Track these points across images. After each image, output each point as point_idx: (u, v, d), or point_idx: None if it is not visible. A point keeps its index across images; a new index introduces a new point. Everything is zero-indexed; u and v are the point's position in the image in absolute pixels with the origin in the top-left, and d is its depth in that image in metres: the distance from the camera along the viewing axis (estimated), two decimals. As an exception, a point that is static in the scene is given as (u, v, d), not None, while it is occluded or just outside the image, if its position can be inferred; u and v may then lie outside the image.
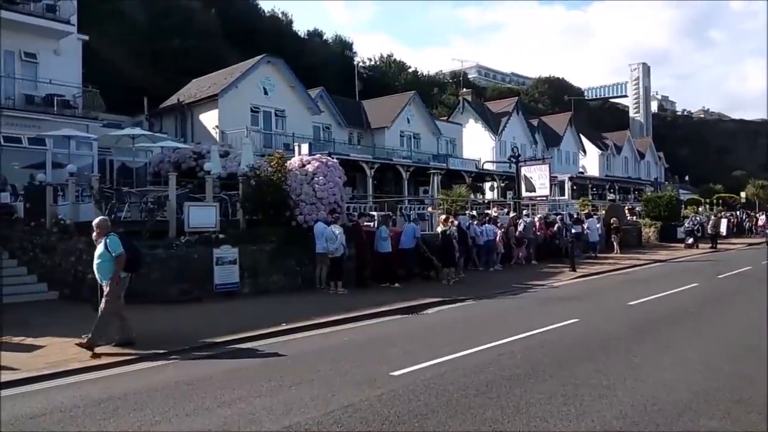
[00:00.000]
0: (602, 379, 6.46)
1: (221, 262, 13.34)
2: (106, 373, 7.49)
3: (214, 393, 6.26)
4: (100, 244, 8.67)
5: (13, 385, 6.85)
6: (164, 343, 8.63)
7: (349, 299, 13.20)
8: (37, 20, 22.04)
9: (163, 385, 6.70)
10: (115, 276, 8.52)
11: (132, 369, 7.66)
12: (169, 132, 29.47)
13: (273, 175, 15.03)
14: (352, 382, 6.49)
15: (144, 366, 7.76)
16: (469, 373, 6.78)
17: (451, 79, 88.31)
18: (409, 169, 30.45)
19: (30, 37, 22.04)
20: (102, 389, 6.63)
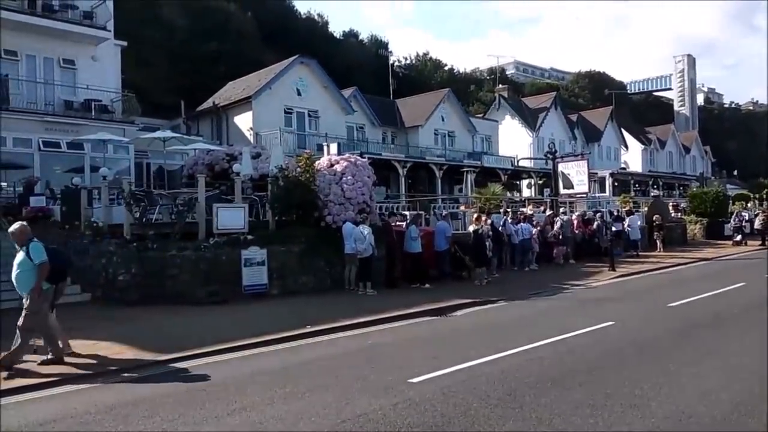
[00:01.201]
0: (635, 388, 6.05)
1: (249, 264, 13.31)
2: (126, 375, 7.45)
3: (227, 399, 6.12)
4: (20, 253, 7.77)
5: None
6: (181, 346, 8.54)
7: (378, 300, 12.99)
8: (74, 27, 22.57)
9: (175, 390, 6.61)
10: (36, 287, 7.61)
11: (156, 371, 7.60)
12: (205, 134, 29.86)
13: (301, 176, 14.93)
14: (368, 389, 6.26)
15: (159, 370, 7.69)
16: (492, 380, 6.46)
17: (488, 76, 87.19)
18: (443, 167, 30.07)
19: (68, 44, 22.60)
20: (132, 393, 6.58)
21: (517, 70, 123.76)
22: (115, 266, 13.09)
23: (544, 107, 49.21)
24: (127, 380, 7.28)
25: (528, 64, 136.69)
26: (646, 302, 12.49)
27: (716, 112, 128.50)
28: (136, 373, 7.58)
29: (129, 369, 7.73)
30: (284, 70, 29.25)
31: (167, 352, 8.36)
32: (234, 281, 13.14)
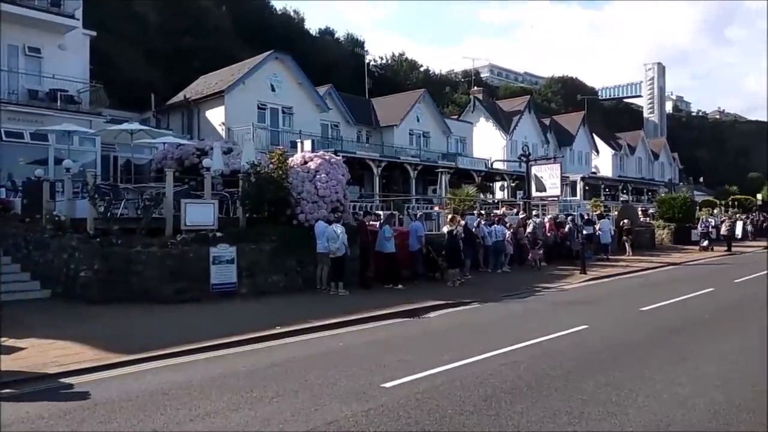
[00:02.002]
0: (612, 395, 5.94)
1: (218, 261, 12.94)
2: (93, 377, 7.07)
3: (190, 404, 5.82)
4: None
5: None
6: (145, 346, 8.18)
7: (350, 301, 12.77)
8: (40, 14, 21.82)
9: (136, 394, 6.28)
10: None
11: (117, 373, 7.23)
12: (176, 129, 29.20)
13: (273, 172, 14.60)
14: (339, 395, 6.02)
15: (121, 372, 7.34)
16: (467, 385, 6.29)
17: (463, 78, 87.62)
18: (417, 167, 29.93)
19: (34, 32, 21.84)
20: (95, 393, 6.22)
21: (491, 74, 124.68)
22: (77, 262, 12.59)
23: (518, 110, 49.54)
24: (85, 382, 6.89)
25: (502, 68, 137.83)
26: (618, 306, 12.52)
27: (684, 120, 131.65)
28: (96, 374, 7.21)
29: (87, 370, 7.34)
30: (258, 65, 28.76)
31: (130, 353, 8.01)
32: (202, 279, 12.75)
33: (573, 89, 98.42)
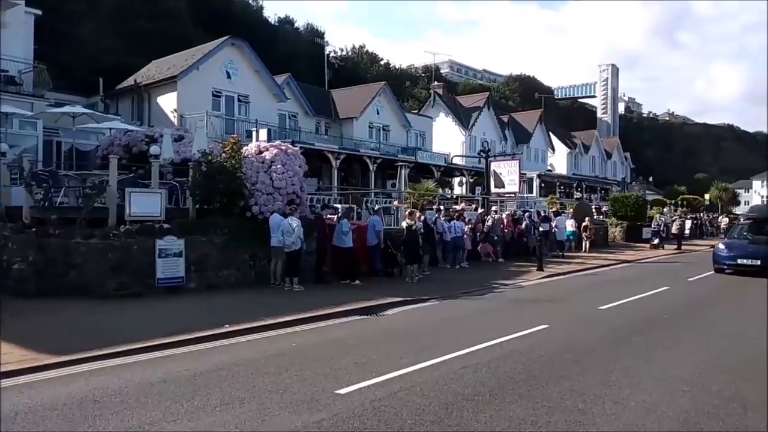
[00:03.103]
0: (578, 401, 5.66)
1: (165, 255, 12.22)
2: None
3: (122, 414, 5.26)
4: None
5: None
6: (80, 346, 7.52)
7: (305, 297, 12.26)
8: (-24, -13, 20.35)
9: (65, 400, 5.66)
10: None
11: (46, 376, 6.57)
12: (125, 115, 27.88)
13: (226, 162, 13.92)
14: (290, 403, 5.55)
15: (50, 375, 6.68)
16: (427, 391, 5.91)
17: (423, 73, 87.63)
18: (377, 161, 29.51)
19: (-31, 6, 20.38)
20: None
21: (451, 70, 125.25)
22: (10, 253, 11.68)
23: (477, 107, 49.65)
24: (7, 387, 6.20)
25: (462, 65, 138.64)
26: (577, 305, 12.40)
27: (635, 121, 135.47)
28: (21, 378, 6.53)
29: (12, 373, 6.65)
30: (213, 51, 27.71)
31: (63, 354, 7.34)
32: (147, 273, 12.04)
33: (530, 88, 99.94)
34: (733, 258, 17.53)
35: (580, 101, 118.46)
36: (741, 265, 17.23)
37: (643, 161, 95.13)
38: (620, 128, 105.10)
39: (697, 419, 5.26)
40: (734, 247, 18.16)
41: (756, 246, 17.75)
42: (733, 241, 18.99)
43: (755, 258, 17.05)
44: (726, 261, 17.73)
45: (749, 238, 18.74)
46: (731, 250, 17.96)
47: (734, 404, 5.66)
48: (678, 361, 7.32)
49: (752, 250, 17.59)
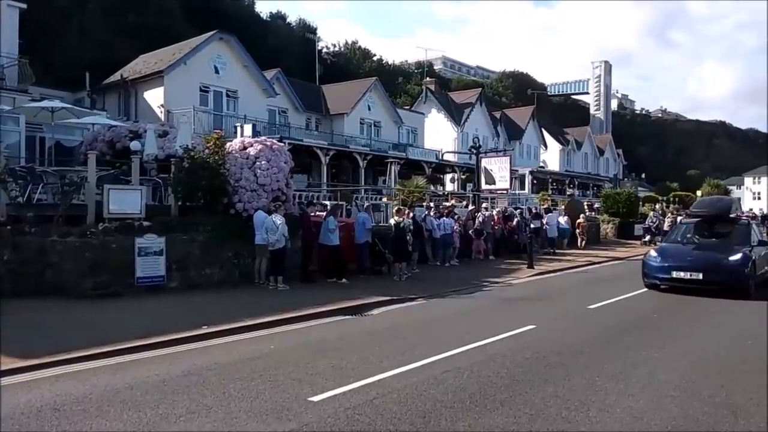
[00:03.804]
0: (561, 408, 5.42)
1: (144, 253, 11.91)
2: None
3: (81, 423, 4.98)
4: None
5: None
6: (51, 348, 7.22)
7: (289, 297, 11.99)
8: (-44, -21, 19.89)
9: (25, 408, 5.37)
10: None
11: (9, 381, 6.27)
12: (112, 110, 27.50)
13: (209, 158, 13.60)
14: (259, 411, 5.28)
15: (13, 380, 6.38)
16: (405, 398, 5.65)
17: (416, 69, 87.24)
18: (367, 157, 29.18)
19: (-51, -1, 19.94)
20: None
21: (444, 66, 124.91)
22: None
23: (470, 103, 49.40)
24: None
25: (455, 61, 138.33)
26: (566, 303, 12.18)
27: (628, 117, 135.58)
28: None
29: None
30: (201, 45, 27.32)
31: (30, 357, 7.06)
32: (126, 272, 11.73)
33: (524, 84, 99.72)
34: (667, 270, 13.09)
35: (573, 98, 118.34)
36: (677, 280, 12.86)
37: (636, 158, 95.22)
38: (613, 125, 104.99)
39: (686, 427, 5.03)
40: (670, 255, 13.63)
41: (699, 253, 13.46)
42: (669, 247, 14.52)
43: (695, 269, 12.62)
44: (658, 273, 13.27)
45: (695, 241, 14.44)
46: (666, 259, 13.43)
47: (724, 411, 5.43)
48: (666, 364, 7.08)
49: (693, 258, 13.12)
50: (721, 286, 12.39)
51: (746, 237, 13.99)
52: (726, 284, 12.39)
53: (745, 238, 13.89)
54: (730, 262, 12.65)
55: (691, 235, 14.86)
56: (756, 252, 13.22)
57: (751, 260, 12.68)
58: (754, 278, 12.80)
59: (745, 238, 13.94)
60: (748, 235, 14.16)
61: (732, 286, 12.37)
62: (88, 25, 41.17)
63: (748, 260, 12.63)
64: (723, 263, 12.66)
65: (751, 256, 12.79)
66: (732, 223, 14.92)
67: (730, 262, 12.65)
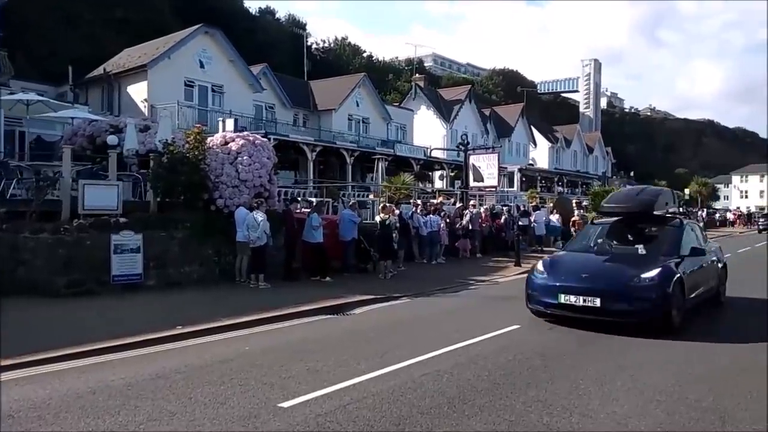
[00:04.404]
0: (543, 414, 5.19)
1: (121, 250, 11.58)
2: None
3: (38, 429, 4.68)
4: None
5: None
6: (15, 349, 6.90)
7: (270, 295, 11.71)
8: (-69, -32, 19.37)
9: None
10: None
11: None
12: (95, 104, 27.06)
13: (189, 153, 13.27)
14: (225, 418, 5.01)
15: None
16: (379, 403, 5.39)
17: (406, 66, 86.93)
18: (354, 153, 28.90)
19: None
20: None
21: (435, 63, 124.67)
22: (-48, 248, 10.97)
23: (459, 100, 49.24)
24: None
25: (446, 58, 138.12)
26: (552, 302, 11.96)
27: (617, 116, 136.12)
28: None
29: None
30: (186, 39, 26.89)
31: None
32: (101, 270, 11.42)
33: (514, 82, 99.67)
34: (554, 292, 9.01)
35: (562, 96, 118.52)
36: (566, 307, 8.85)
37: (625, 156, 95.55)
38: (602, 123, 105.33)
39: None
40: (562, 269, 9.54)
41: (601, 267, 9.45)
42: (567, 257, 10.34)
43: (591, 293, 8.59)
44: (543, 297, 9.22)
45: (608, 249, 10.35)
46: (555, 275, 9.33)
47: (712, 416, 5.23)
48: (649, 367, 6.86)
49: (590, 276, 9.03)
50: (626, 318, 8.51)
51: (675, 243, 9.85)
52: (634, 315, 8.50)
53: (673, 246, 9.78)
54: (641, 281, 8.58)
55: (603, 240, 10.67)
56: (686, 266, 9.30)
57: (674, 278, 8.67)
58: (681, 304, 8.78)
59: (674, 245, 9.83)
60: (678, 240, 9.95)
61: (643, 318, 8.50)
62: (76, 19, 40.55)
63: (669, 278, 8.60)
64: (630, 284, 8.60)
65: (676, 272, 8.83)
66: (659, 223, 10.76)
67: (640, 281, 8.58)
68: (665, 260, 9.20)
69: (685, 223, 11.04)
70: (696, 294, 9.67)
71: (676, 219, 11.04)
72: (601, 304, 8.49)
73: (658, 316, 8.53)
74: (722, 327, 9.84)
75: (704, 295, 10.25)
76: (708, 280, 10.55)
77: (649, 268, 8.84)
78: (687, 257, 9.56)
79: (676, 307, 8.64)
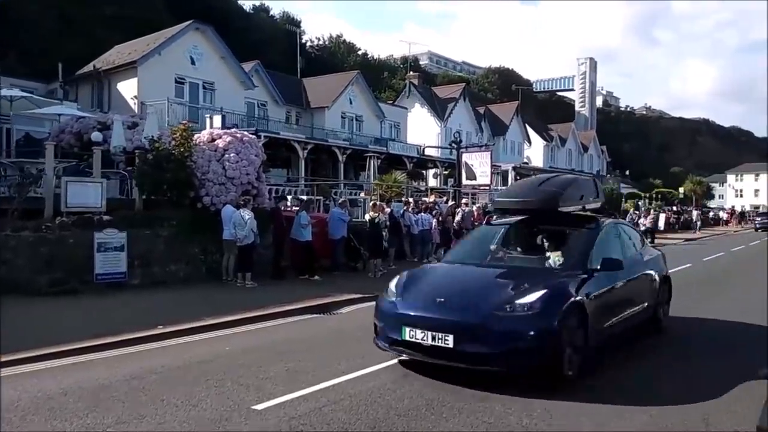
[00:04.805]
0: (522, 416, 5.07)
1: (104, 249, 11.41)
2: None
3: None
4: None
5: None
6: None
7: (256, 294, 11.57)
8: None
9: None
10: None
11: None
12: (85, 101, 26.82)
13: (174, 150, 13.10)
14: (195, 421, 4.87)
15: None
16: (356, 405, 5.27)
17: (401, 64, 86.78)
18: (346, 151, 28.75)
19: None
20: None
21: (430, 61, 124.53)
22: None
23: (453, 98, 49.12)
24: None
25: (442, 56, 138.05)
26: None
27: (613, 114, 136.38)
28: None
29: None
30: (176, 36, 26.67)
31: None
32: (85, 269, 11.25)
33: (509, 80, 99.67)
34: (398, 323, 6.30)
35: (558, 94, 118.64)
36: (412, 346, 6.18)
37: (620, 155, 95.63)
38: (597, 122, 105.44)
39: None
40: (418, 291, 6.74)
41: (466, 288, 6.71)
42: (436, 271, 7.97)
43: (443, 327, 5.93)
44: (389, 330, 6.51)
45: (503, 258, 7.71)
46: (408, 300, 6.60)
47: (698, 422, 5.11)
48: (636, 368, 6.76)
49: (445, 301, 6.29)
50: (490, 364, 5.81)
51: (582, 253, 7.03)
52: (499, 361, 5.76)
53: (580, 256, 6.98)
54: (514, 310, 5.91)
55: (497, 247, 7.89)
56: (595, 284, 6.59)
57: (566, 305, 6.05)
58: (581, 341, 6.12)
59: (581, 255, 7.00)
60: (586, 249, 7.09)
61: (516, 366, 5.86)
62: (70, 17, 40.31)
63: (556, 305, 5.97)
64: (496, 314, 5.89)
65: (572, 296, 6.20)
66: (570, 224, 7.79)
67: (512, 310, 5.91)
68: (561, 278, 6.54)
69: (603, 224, 7.86)
70: (615, 321, 6.95)
71: (594, 219, 7.98)
72: (453, 343, 5.72)
73: (536, 363, 5.75)
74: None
75: (632, 320, 7.54)
76: (637, 301, 7.74)
77: (530, 290, 6.03)
78: (598, 272, 6.68)
79: (570, 346, 5.90)
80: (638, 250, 8.60)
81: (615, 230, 8.19)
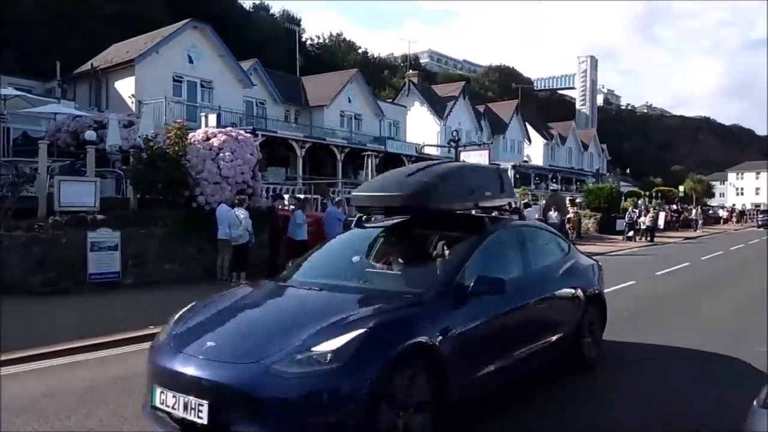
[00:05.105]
0: (511, 419, 4.99)
1: (97, 248, 11.37)
2: None
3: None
4: None
5: None
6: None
7: (250, 294, 11.47)
8: None
9: None
10: None
11: None
12: (83, 100, 26.77)
13: (169, 149, 13.06)
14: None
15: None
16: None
17: (402, 63, 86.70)
18: (344, 150, 28.70)
19: None
20: None
21: (431, 60, 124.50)
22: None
23: (453, 96, 49.05)
24: None
25: (442, 55, 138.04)
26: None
27: (614, 113, 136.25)
28: None
29: None
30: (174, 34, 26.60)
31: None
32: (78, 268, 11.22)
33: (510, 78, 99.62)
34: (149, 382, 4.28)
35: (559, 93, 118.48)
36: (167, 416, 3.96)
37: (621, 153, 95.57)
38: (598, 120, 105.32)
39: None
40: (192, 331, 4.41)
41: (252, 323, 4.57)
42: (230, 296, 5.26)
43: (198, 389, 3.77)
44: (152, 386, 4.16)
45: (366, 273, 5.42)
46: (176, 345, 4.23)
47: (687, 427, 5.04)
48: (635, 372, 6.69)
49: (216, 345, 4.08)
50: None
51: (452, 269, 4.97)
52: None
53: (448, 272, 4.96)
54: (311, 363, 3.76)
55: (361, 258, 5.77)
56: (457, 317, 4.58)
57: (398, 350, 3.96)
58: (418, 406, 4.02)
59: (450, 271, 4.96)
60: (460, 263, 5.02)
61: None
62: (68, 15, 40.28)
63: (377, 353, 3.86)
64: (270, 373, 3.70)
65: (410, 336, 4.12)
66: (448, 228, 5.65)
67: (310, 363, 3.76)
68: (400, 308, 4.47)
69: (489, 227, 5.62)
70: (501, 365, 4.95)
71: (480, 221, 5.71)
72: (209, 418, 3.71)
73: None
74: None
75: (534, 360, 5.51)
76: (546, 332, 5.75)
77: (345, 329, 3.96)
78: (471, 297, 4.70)
79: (407, 415, 3.94)
80: (555, 261, 6.38)
81: (516, 237, 5.97)
